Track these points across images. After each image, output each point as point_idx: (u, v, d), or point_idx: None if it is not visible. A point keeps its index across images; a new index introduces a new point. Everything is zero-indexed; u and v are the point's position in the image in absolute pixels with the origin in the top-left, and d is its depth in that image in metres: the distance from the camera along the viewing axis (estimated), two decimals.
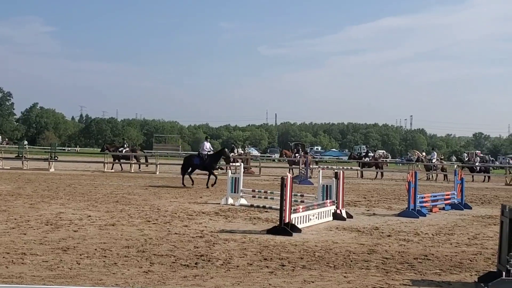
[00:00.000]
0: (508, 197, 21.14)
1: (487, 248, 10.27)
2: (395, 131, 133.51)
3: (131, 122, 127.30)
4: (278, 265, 8.31)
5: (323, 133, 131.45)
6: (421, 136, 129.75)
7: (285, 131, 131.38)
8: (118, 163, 33.25)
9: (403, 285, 7.45)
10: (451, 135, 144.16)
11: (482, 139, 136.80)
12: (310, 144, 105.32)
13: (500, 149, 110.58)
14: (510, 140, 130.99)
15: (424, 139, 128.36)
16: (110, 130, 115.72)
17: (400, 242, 10.68)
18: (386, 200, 18.63)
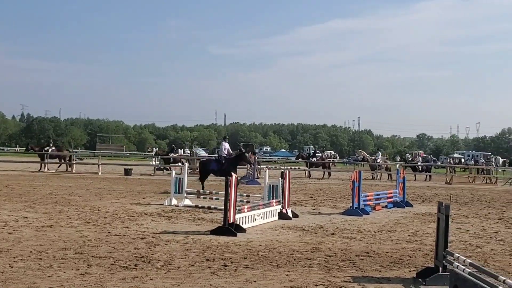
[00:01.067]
0: (447, 195, 21.87)
1: (426, 244, 10.60)
2: (343, 132, 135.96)
3: (75, 121, 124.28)
4: (220, 265, 8.30)
5: (273, 133, 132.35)
6: (368, 137, 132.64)
7: (235, 132, 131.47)
8: (47, 163, 32.33)
9: (344, 282, 7.58)
10: (396, 136, 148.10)
11: (426, 140, 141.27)
12: (260, 144, 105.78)
13: (442, 150, 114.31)
14: (451, 141, 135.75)
15: (371, 139, 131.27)
16: (53, 129, 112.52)
17: (343, 240, 10.87)
18: (332, 199, 18.94)
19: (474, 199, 21.19)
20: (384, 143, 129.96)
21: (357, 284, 7.52)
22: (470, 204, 19.21)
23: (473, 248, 10.62)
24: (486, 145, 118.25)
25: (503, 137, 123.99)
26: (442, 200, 8.47)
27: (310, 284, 7.39)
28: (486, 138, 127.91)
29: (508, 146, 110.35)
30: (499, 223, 14.37)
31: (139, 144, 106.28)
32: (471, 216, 15.73)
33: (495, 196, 23.39)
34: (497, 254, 10.16)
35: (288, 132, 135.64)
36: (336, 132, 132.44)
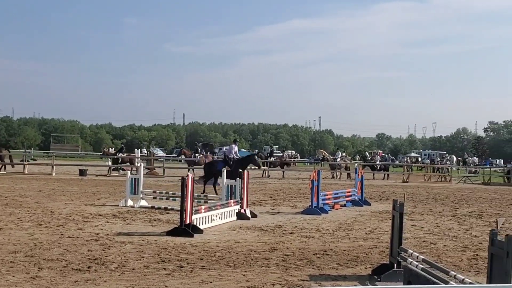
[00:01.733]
0: (404, 193, 22.33)
1: (382, 241, 10.81)
2: (304, 131, 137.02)
3: (28, 121, 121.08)
4: (176, 266, 8.26)
5: (233, 133, 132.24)
6: (329, 136, 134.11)
7: (194, 131, 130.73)
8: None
9: (301, 281, 7.66)
10: (356, 135, 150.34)
11: (385, 140, 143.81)
12: (220, 144, 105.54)
13: (400, 149, 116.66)
14: (409, 140, 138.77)
15: (332, 139, 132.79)
16: (5, 129, 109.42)
17: (302, 239, 10.98)
18: (292, 199, 19.08)
19: (429, 197, 21.71)
20: (345, 143, 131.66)
21: (314, 282, 7.61)
22: (425, 202, 19.68)
23: (427, 245, 10.90)
24: (442, 145, 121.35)
25: (458, 137, 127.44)
26: (397, 198, 8.65)
27: (267, 283, 7.44)
28: (442, 137, 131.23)
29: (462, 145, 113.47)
30: (452, 220, 14.78)
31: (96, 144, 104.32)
32: (426, 213, 16.12)
33: (449, 194, 24.04)
34: (449, 250, 10.45)
35: (249, 132, 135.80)
36: (297, 132, 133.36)
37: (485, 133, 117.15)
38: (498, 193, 25.92)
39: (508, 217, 15.72)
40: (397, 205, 8.08)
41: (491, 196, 23.41)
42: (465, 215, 15.98)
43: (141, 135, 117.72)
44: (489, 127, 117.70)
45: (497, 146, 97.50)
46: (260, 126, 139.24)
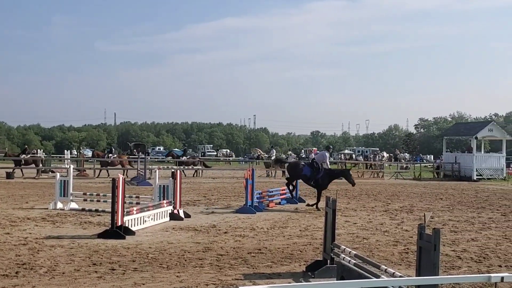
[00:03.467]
0: (338, 190, 22.88)
1: (317, 238, 11.04)
2: (239, 130, 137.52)
3: None
4: (108, 269, 8.14)
5: (166, 132, 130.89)
6: (264, 135, 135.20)
7: (125, 131, 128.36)
8: None
9: (235, 280, 7.72)
10: (291, 133, 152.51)
11: (319, 137, 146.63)
12: (152, 144, 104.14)
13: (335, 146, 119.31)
14: (343, 138, 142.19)
15: (267, 137, 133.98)
16: None
17: (236, 238, 11.04)
18: (226, 198, 19.12)
19: (362, 193, 22.32)
20: (280, 141, 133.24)
21: (248, 281, 7.68)
22: (358, 198, 20.23)
23: (360, 240, 11.22)
24: (375, 141, 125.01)
25: (389, 134, 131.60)
26: (330, 195, 8.87)
27: (201, 284, 7.45)
28: (374, 134, 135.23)
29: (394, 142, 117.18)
30: (384, 215, 15.28)
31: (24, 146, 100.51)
32: (359, 209, 16.58)
33: (381, 189, 24.82)
34: (381, 244, 10.81)
35: (182, 131, 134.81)
36: (232, 130, 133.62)
37: (416, 129, 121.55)
38: (428, 188, 27.00)
39: (437, 211, 16.45)
40: (330, 201, 8.28)
41: (422, 191, 24.34)
42: (397, 210, 16.55)
43: (71, 136, 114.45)
44: (420, 124, 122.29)
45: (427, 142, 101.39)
46: (194, 125, 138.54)
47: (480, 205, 18.41)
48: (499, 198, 21.23)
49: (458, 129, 43.47)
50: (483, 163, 35.13)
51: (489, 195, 22.89)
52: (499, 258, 9.71)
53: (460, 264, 9.18)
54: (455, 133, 42.39)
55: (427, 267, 5.79)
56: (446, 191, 24.51)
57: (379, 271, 6.59)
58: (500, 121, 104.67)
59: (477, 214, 15.88)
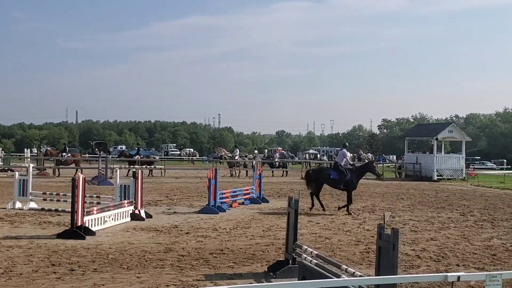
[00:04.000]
0: (302, 190, 23.04)
1: (279, 238, 11.10)
2: (203, 129, 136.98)
3: None
4: (67, 270, 8.05)
5: (129, 131, 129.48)
6: (228, 134, 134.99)
7: (87, 130, 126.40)
8: None
9: (196, 281, 7.71)
10: (256, 133, 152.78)
11: (284, 137, 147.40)
12: (115, 143, 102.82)
13: (300, 146, 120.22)
14: (308, 137, 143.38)
15: (232, 137, 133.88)
16: None
17: (198, 239, 11.02)
18: (189, 198, 19.03)
19: (325, 193, 22.48)
20: (245, 140, 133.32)
21: (209, 282, 7.69)
22: (321, 198, 20.33)
23: (322, 240, 11.35)
24: (339, 141, 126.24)
25: (354, 134, 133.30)
26: (293, 195, 8.94)
27: (161, 284, 7.42)
28: (339, 134, 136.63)
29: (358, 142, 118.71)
30: (346, 215, 15.47)
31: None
32: (322, 209, 16.70)
33: None
34: (343, 244, 10.96)
35: (145, 130, 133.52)
36: (196, 129, 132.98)
37: (379, 130, 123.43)
38: (390, 187, 27.46)
39: (398, 211, 16.75)
40: (293, 202, 8.35)
41: (384, 191, 24.74)
42: (359, 210, 16.79)
43: (32, 134, 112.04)
44: (383, 125, 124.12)
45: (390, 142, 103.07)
46: (157, 124, 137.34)
47: (440, 205, 18.83)
48: (458, 198, 21.74)
49: (419, 130, 44.34)
50: (443, 164, 35.92)
51: (449, 195, 23.42)
52: (457, 258, 9.96)
53: (419, 263, 9.38)
54: (417, 134, 43.21)
55: (386, 267, 5.89)
56: (407, 191, 24.98)
57: (340, 270, 6.68)
58: (460, 122, 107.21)
59: (436, 214, 16.23)
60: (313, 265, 7.27)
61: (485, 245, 11.32)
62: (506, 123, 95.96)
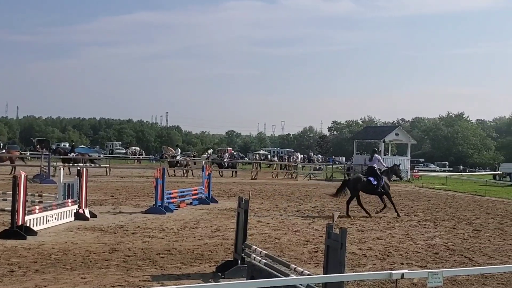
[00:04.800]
0: (252, 191, 23.19)
1: (228, 239, 11.16)
2: (150, 127, 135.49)
3: None
4: (6, 271, 7.86)
5: (73, 128, 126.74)
6: (176, 133, 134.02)
7: (29, 126, 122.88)
8: None
9: (143, 281, 7.68)
10: (205, 132, 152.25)
11: (234, 137, 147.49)
12: (57, 140, 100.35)
13: (250, 146, 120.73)
14: (259, 138, 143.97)
15: (180, 136, 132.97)
16: None
17: (145, 239, 10.95)
18: (135, 198, 18.83)
19: (276, 193, 22.78)
20: (193, 140, 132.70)
21: (156, 282, 7.67)
22: (272, 198, 20.62)
23: (272, 240, 11.48)
24: (290, 142, 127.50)
25: (304, 135, 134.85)
26: (242, 196, 9.01)
27: (106, 285, 7.35)
28: (290, 135, 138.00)
29: (308, 144, 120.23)
30: (296, 215, 15.70)
31: None
32: (272, 209, 16.92)
33: (294, 190, 25.43)
34: (292, 244, 11.12)
35: (90, 127, 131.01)
36: (142, 127, 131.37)
37: (329, 132, 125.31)
38: None
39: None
40: (242, 202, 8.43)
41: (333, 192, 25.12)
42: (309, 210, 17.06)
43: None
44: (333, 127, 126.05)
45: (340, 144, 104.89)
46: (102, 121, 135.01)
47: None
48: (403, 199, 22.40)
49: (367, 133, 45.43)
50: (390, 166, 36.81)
51: (394, 195, 23.96)
52: (401, 256, 10.30)
53: (365, 262, 9.64)
54: (365, 136, 44.25)
55: (334, 265, 6.04)
56: None
57: (288, 270, 6.80)
58: (406, 126, 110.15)
59: (382, 214, 16.66)
60: (262, 264, 7.36)
61: (428, 244, 11.76)
62: (449, 127, 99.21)
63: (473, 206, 20.49)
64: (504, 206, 21.02)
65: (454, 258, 10.39)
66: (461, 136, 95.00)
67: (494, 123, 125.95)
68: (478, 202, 22.40)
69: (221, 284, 4.68)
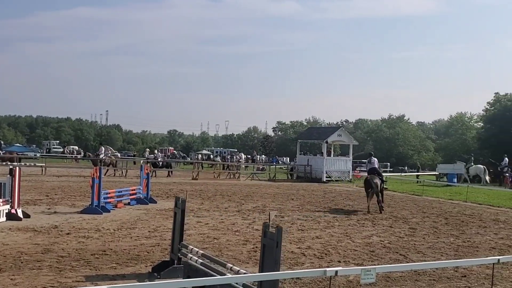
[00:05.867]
0: (192, 191, 23.17)
1: (166, 239, 11.12)
2: (89, 126, 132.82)
3: None
4: None
5: (8, 126, 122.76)
6: (116, 132, 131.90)
7: None
8: None
9: (76, 282, 7.57)
10: (146, 131, 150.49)
11: (177, 136, 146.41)
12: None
13: (193, 146, 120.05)
14: (202, 138, 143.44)
15: (120, 135, 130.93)
16: None
17: (79, 240, 10.78)
18: (71, 198, 18.44)
19: (217, 194, 22.79)
20: (134, 139, 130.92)
21: (90, 283, 7.58)
22: (213, 199, 20.62)
23: (211, 240, 11.51)
24: (234, 142, 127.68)
25: (249, 135, 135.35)
26: (179, 195, 9.01)
27: (38, 286, 7.23)
28: (233, 135, 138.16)
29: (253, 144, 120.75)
30: (237, 215, 15.78)
31: None
32: (213, 209, 16.93)
33: (236, 190, 25.51)
34: (232, 244, 11.20)
35: (26, 125, 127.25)
36: (81, 126, 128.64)
37: (274, 132, 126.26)
38: (281, 188, 28.26)
39: (287, 211, 17.34)
40: (179, 202, 8.44)
41: (275, 192, 25.43)
42: (249, 210, 17.16)
43: None
44: (278, 127, 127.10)
45: (284, 144, 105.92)
46: (39, 119, 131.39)
47: (327, 205, 19.73)
48: (344, 199, 22.90)
49: (311, 133, 46.10)
50: (332, 166, 37.61)
51: (336, 195, 24.58)
52: (339, 254, 10.56)
53: (303, 261, 9.83)
54: (308, 137, 44.90)
55: (269, 264, 6.15)
56: (298, 192, 25.87)
57: (224, 269, 6.87)
58: (350, 127, 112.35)
59: (323, 214, 17.00)
60: (198, 264, 7.40)
61: (365, 242, 12.10)
62: (391, 128, 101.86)
63: (411, 205, 21.16)
64: (440, 205, 21.81)
65: (389, 255, 10.74)
66: (402, 138, 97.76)
67: (434, 125, 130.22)
68: (416, 201, 23.15)
69: (155, 283, 4.70)
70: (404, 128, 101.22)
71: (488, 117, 66.66)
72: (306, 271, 6.66)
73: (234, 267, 6.75)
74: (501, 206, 22.17)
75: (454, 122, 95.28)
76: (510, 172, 36.79)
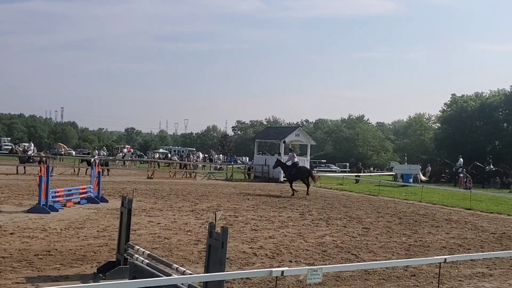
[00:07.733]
0: (146, 190, 22.93)
1: (114, 239, 10.89)
2: (43, 123, 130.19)
3: None
4: None
5: None
6: (72, 129, 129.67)
7: None
8: None
9: (16, 284, 7.37)
10: (103, 129, 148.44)
11: (134, 134, 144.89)
12: None
13: (151, 144, 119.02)
14: (160, 136, 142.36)
15: (75, 132, 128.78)
16: None
17: (23, 240, 10.51)
18: (18, 196, 17.98)
19: (171, 193, 22.60)
20: (90, 137, 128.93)
21: (31, 285, 7.40)
22: (167, 198, 20.43)
23: (161, 240, 11.38)
24: (193, 141, 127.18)
25: (208, 134, 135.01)
26: (126, 195, 8.88)
27: None
28: (192, 134, 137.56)
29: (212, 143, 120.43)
30: (190, 215, 15.66)
31: None
32: (166, 209, 16.77)
33: (192, 189, 25.36)
34: (183, 244, 11.10)
35: None
36: (35, 123, 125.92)
37: (233, 131, 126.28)
38: (238, 188, 28.24)
39: (242, 210, 17.34)
40: (126, 201, 8.32)
41: (231, 191, 25.39)
42: (203, 210, 17.07)
43: None
44: (237, 126, 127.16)
45: (244, 144, 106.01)
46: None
47: (282, 205, 19.81)
48: (299, 199, 23.03)
49: (269, 133, 46.25)
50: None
51: (293, 197, 24.67)
52: (291, 254, 10.59)
53: (255, 261, 9.81)
54: (266, 137, 45.03)
55: (214, 264, 6.11)
56: (254, 192, 25.92)
57: (170, 269, 6.79)
58: (310, 127, 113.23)
59: (278, 214, 17.05)
60: (144, 265, 7.28)
61: (318, 242, 12.18)
62: (350, 129, 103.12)
63: (366, 205, 21.44)
64: (395, 205, 22.18)
65: (341, 255, 10.82)
66: (362, 138, 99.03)
67: (393, 126, 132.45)
68: (371, 201, 23.48)
69: (99, 284, 4.59)
70: (364, 128, 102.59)
71: (444, 118, 68.12)
72: (251, 271, 6.63)
73: (180, 268, 6.68)
74: (454, 206, 22.71)
75: (412, 123, 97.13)
76: (465, 172, 37.75)
